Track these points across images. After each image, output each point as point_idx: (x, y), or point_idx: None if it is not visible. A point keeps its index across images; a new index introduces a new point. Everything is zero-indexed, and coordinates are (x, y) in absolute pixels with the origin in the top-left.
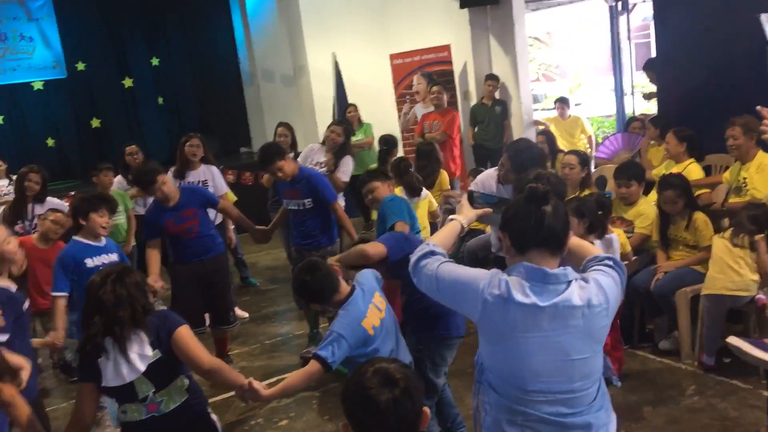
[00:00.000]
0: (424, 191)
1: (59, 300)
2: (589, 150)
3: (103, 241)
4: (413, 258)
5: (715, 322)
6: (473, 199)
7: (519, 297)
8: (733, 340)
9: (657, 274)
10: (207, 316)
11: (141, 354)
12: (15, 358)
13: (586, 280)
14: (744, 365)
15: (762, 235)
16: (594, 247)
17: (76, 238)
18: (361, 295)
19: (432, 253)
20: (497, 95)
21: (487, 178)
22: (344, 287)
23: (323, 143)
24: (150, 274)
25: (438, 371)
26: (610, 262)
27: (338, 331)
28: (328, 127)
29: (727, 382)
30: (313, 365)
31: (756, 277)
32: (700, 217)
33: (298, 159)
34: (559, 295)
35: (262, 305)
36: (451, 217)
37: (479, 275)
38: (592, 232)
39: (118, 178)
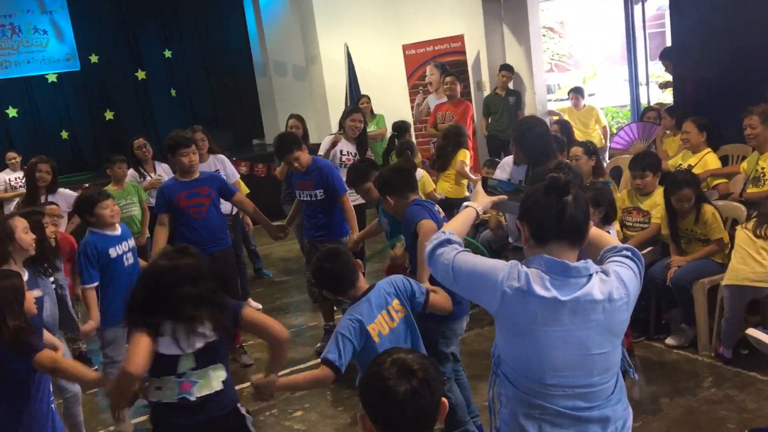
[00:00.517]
0: (419, 171)
1: (90, 292)
2: (603, 141)
3: (119, 230)
4: (429, 246)
5: (735, 314)
6: (488, 186)
7: (539, 290)
8: (752, 332)
9: (671, 269)
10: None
11: (203, 333)
12: (51, 338)
13: (606, 273)
14: (762, 357)
15: None
16: (612, 237)
17: (93, 230)
18: (375, 298)
19: (448, 242)
20: (511, 86)
21: (506, 162)
22: (362, 284)
23: (340, 132)
24: (153, 255)
25: (449, 343)
26: (629, 253)
27: (343, 332)
28: (347, 116)
29: (745, 373)
30: (323, 370)
31: None
32: (708, 209)
33: (320, 151)
34: (580, 289)
35: (276, 296)
36: (465, 204)
37: (498, 266)
38: (608, 222)
39: (131, 172)
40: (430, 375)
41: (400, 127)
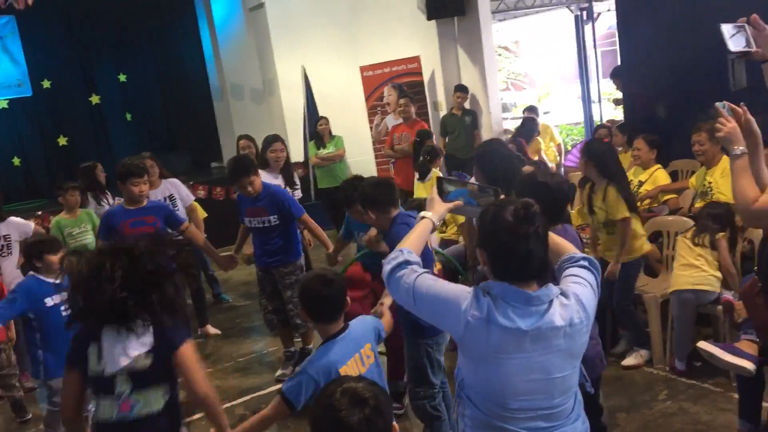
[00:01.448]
0: (431, 173)
1: None
2: (558, 158)
3: (60, 279)
4: (387, 267)
5: (683, 323)
6: (442, 189)
7: (502, 320)
8: (703, 345)
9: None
10: None
11: (141, 342)
12: None
13: (566, 296)
14: (714, 368)
15: (723, 233)
16: (570, 245)
17: (33, 274)
18: (350, 339)
19: (407, 263)
20: (467, 105)
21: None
22: (341, 321)
23: (264, 166)
24: None
25: (440, 350)
26: (586, 263)
27: (311, 373)
28: (267, 147)
29: (699, 385)
30: (277, 404)
31: (718, 274)
32: (611, 191)
33: None
34: (541, 317)
35: (236, 321)
36: (421, 214)
37: (460, 294)
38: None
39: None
40: (381, 401)
41: (423, 133)
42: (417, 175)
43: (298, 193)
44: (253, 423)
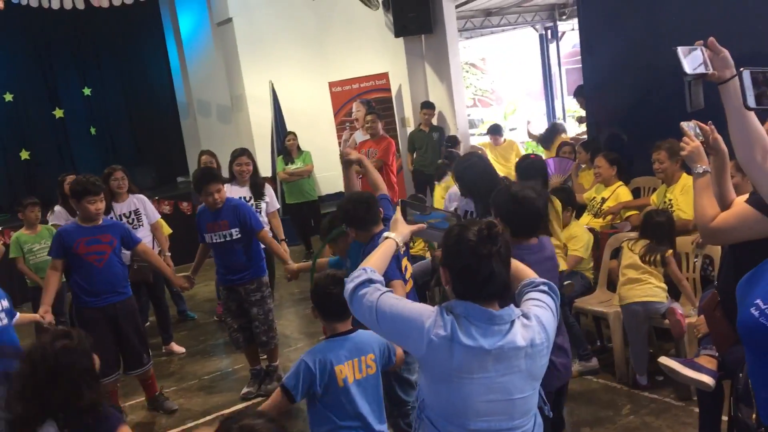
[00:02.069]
0: (447, 176)
1: None
2: None
3: None
4: (349, 285)
5: (638, 337)
6: (406, 212)
7: (465, 339)
8: (664, 360)
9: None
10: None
11: None
12: None
13: (527, 317)
14: (676, 383)
15: (671, 251)
16: (529, 270)
17: None
18: (353, 342)
19: (370, 281)
20: (434, 121)
21: (454, 192)
22: (348, 322)
23: (231, 179)
24: (42, 304)
25: (411, 370)
26: (546, 288)
27: (309, 363)
28: (233, 161)
29: (661, 400)
30: (278, 395)
31: (664, 285)
32: (556, 201)
33: None
34: (503, 337)
35: (201, 339)
36: (385, 234)
37: (423, 312)
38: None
39: (58, 209)
40: None
41: (451, 139)
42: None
43: (272, 205)
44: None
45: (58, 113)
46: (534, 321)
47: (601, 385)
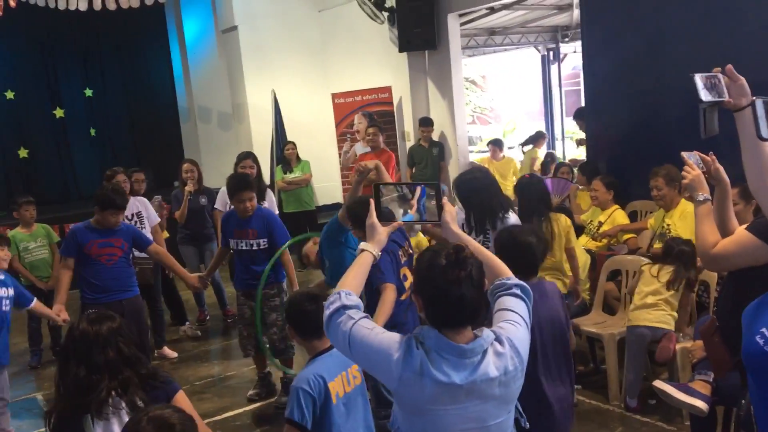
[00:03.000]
0: None
1: None
2: None
3: (1, 276)
4: (327, 311)
5: (636, 359)
6: (380, 194)
7: (436, 374)
8: (659, 384)
9: None
10: None
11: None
12: None
13: (500, 342)
14: (667, 406)
15: (697, 274)
16: (504, 267)
17: None
18: (337, 356)
19: (345, 308)
20: (434, 137)
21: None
22: (325, 339)
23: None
24: (55, 302)
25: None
26: (518, 291)
27: (304, 387)
28: (238, 163)
29: (653, 423)
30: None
31: (675, 314)
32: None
33: (217, 201)
34: (475, 370)
35: (193, 344)
36: (361, 246)
37: (392, 344)
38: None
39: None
40: (187, 427)
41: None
42: None
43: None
44: None
45: (59, 113)
46: (507, 346)
47: (593, 406)
